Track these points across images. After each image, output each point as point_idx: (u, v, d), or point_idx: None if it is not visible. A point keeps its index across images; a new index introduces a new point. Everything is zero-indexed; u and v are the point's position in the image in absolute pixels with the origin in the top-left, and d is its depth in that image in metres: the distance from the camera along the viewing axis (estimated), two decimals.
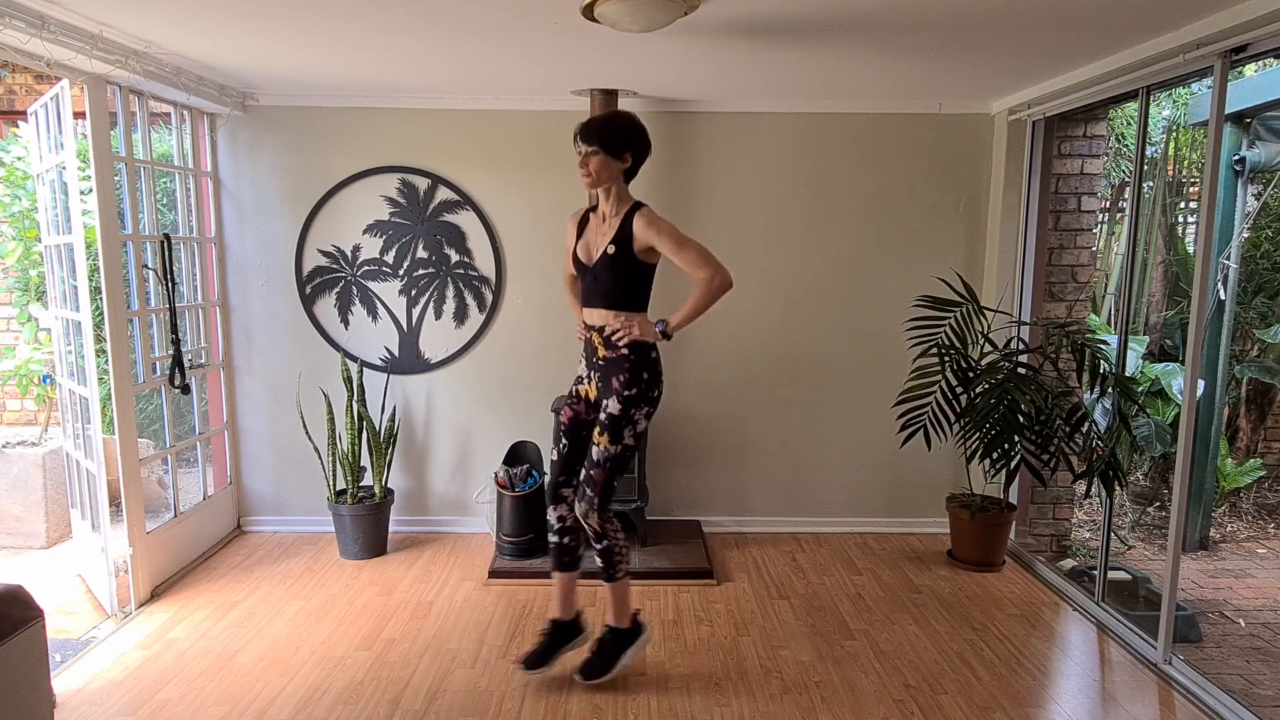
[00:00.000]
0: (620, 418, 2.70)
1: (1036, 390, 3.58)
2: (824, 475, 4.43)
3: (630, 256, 2.65)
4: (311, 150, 4.14)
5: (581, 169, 2.66)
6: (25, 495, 4.27)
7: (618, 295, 2.70)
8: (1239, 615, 4.07)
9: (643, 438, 2.76)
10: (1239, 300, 5.02)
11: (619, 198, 2.70)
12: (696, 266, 2.58)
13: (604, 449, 2.71)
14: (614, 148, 2.63)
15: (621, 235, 2.65)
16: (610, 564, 2.81)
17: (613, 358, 2.72)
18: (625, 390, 2.69)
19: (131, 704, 2.73)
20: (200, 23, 2.88)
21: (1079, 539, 4.91)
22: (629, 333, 2.66)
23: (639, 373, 2.70)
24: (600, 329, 2.74)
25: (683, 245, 2.60)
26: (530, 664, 2.87)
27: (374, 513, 4.01)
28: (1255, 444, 5.56)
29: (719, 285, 2.59)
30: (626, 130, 2.66)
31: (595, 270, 2.72)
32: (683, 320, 2.66)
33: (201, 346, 4.10)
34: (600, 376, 2.78)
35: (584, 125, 2.66)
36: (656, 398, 2.76)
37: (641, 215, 2.64)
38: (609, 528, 2.77)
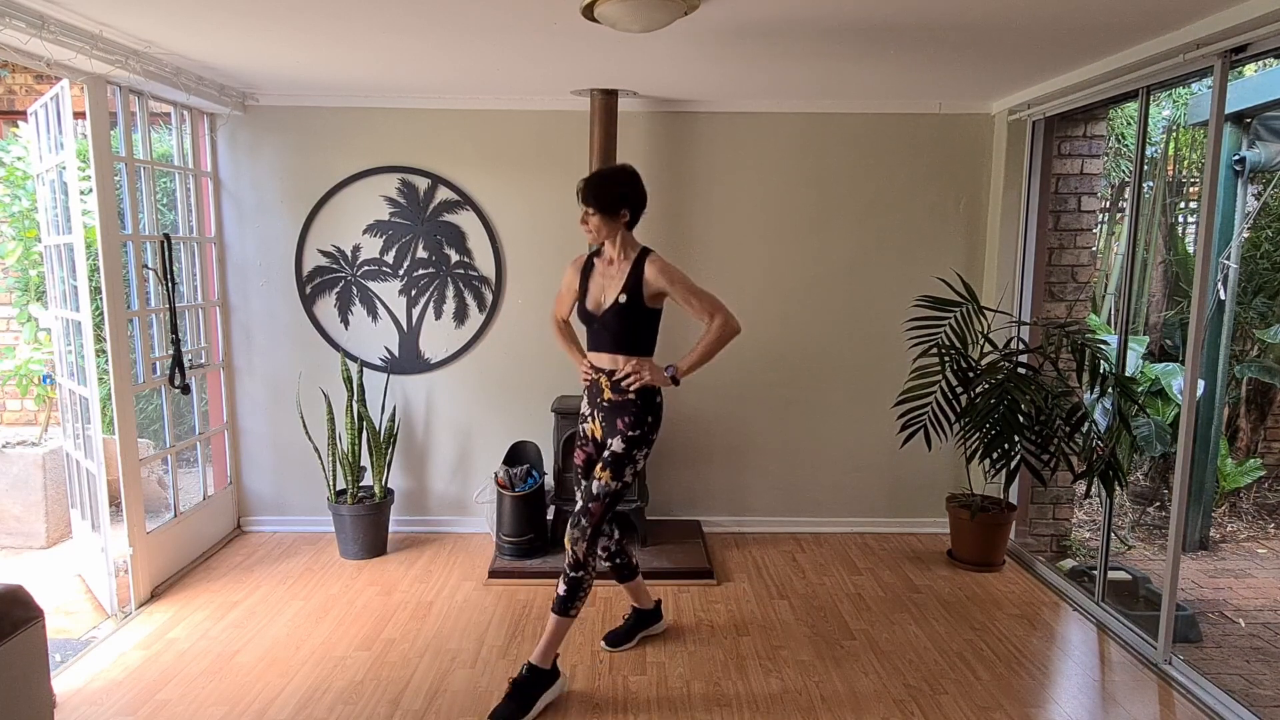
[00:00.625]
0: (623, 456, 2.78)
1: (1036, 390, 3.58)
2: (824, 475, 4.43)
3: (640, 304, 2.73)
4: (311, 150, 4.14)
5: (583, 225, 2.76)
6: (25, 495, 4.27)
7: (627, 342, 2.77)
8: (1239, 615, 4.07)
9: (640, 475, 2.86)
10: (1239, 300, 5.02)
11: (625, 245, 2.78)
12: (710, 314, 2.71)
13: (605, 484, 2.78)
14: (608, 207, 2.71)
15: (632, 283, 2.72)
16: (571, 597, 2.75)
17: (620, 401, 2.78)
18: (630, 431, 2.77)
19: (131, 704, 2.73)
20: (200, 23, 2.88)
21: (1079, 539, 4.91)
22: (639, 378, 2.72)
23: (644, 416, 2.78)
24: (610, 373, 2.80)
25: (694, 293, 2.72)
26: (612, 641, 3.14)
27: (374, 513, 4.01)
28: (1255, 444, 5.56)
29: (729, 332, 2.73)
30: (618, 187, 2.73)
31: (603, 319, 2.78)
32: (692, 365, 2.76)
33: (201, 346, 4.10)
34: (604, 417, 2.84)
35: (582, 184, 2.76)
36: (654, 440, 2.87)
37: (653, 263, 2.72)
38: (590, 561, 2.77)
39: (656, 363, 2.79)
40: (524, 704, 2.66)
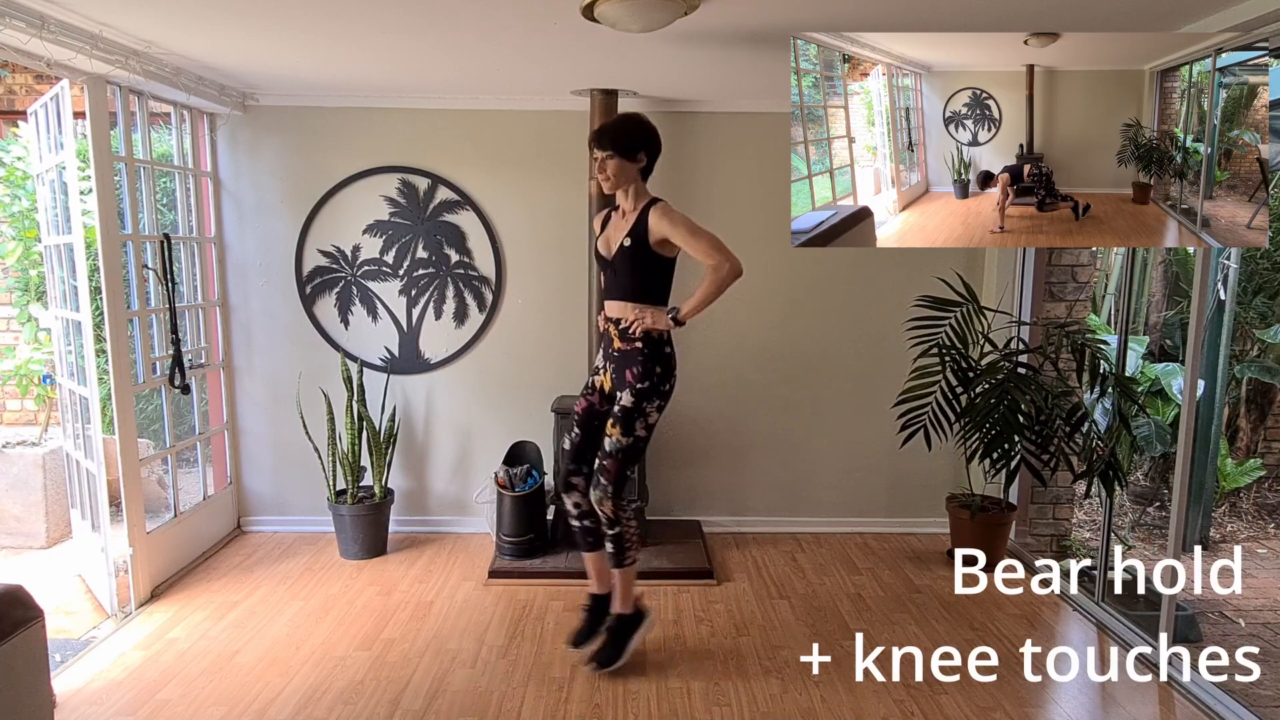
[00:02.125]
0: (632, 410, 2.77)
1: (1036, 390, 3.58)
2: (824, 475, 4.43)
3: (646, 249, 2.73)
4: (311, 150, 4.13)
5: (600, 174, 2.75)
6: (25, 495, 4.27)
7: (636, 288, 2.78)
8: (1239, 615, 4.07)
9: (653, 429, 2.84)
10: (1239, 300, 5.02)
11: (637, 195, 2.79)
12: (707, 254, 2.66)
13: (616, 440, 2.79)
14: (628, 150, 2.72)
15: (638, 228, 2.73)
16: (620, 550, 2.90)
17: (627, 350, 2.79)
18: (638, 383, 2.77)
19: (131, 704, 2.73)
20: (200, 23, 2.88)
21: (1079, 539, 4.91)
22: (641, 322, 2.73)
23: (651, 366, 2.77)
24: (617, 321, 2.81)
25: (695, 234, 2.68)
26: (578, 641, 2.98)
27: (374, 513, 4.01)
28: (1255, 444, 5.56)
29: (730, 272, 2.67)
30: (638, 131, 2.76)
31: (614, 263, 2.80)
32: (693, 308, 2.72)
33: (201, 346, 4.10)
34: (615, 368, 2.84)
35: (597, 132, 2.78)
36: (668, 391, 2.83)
37: (657, 209, 2.73)
38: (623, 515, 2.86)
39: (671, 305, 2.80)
40: (617, 649, 2.93)
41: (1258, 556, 4.86)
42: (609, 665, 2.92)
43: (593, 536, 2.97)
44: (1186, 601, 4.07)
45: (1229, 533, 5.18)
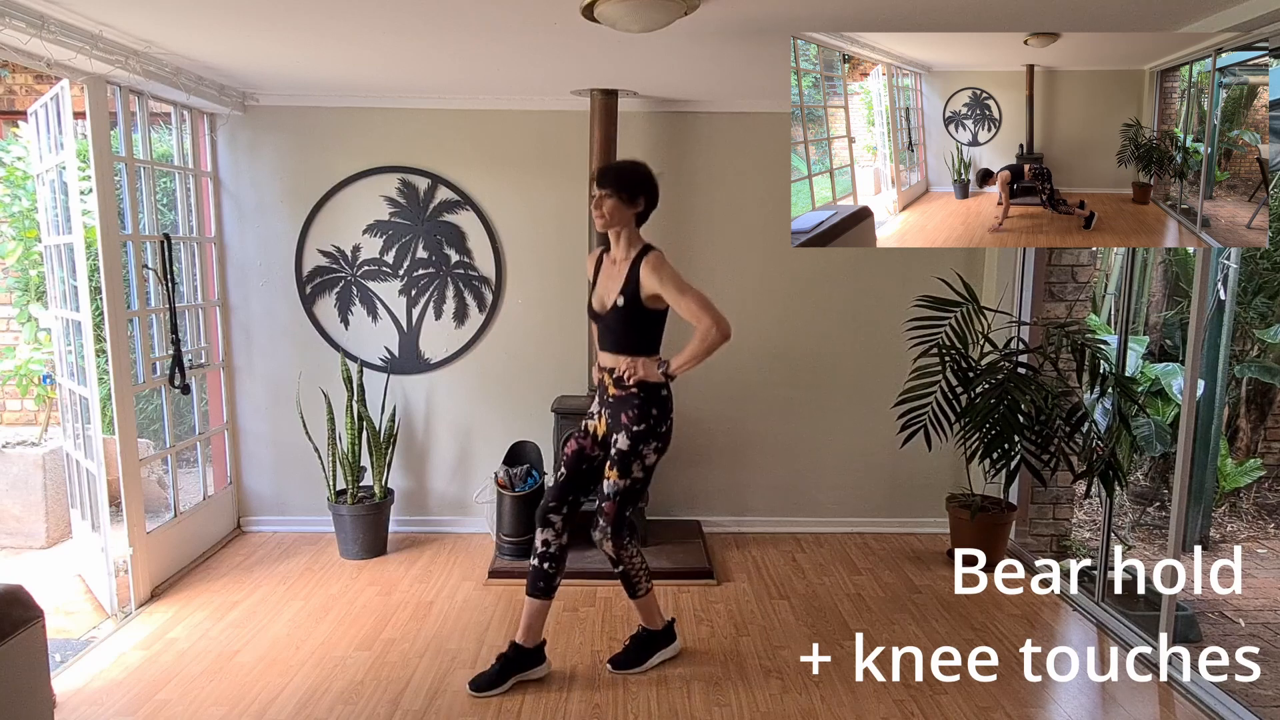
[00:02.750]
0: (629, 453, 2.78)
1: (1036, 390, 3.58)
2: (824, 475, 4.43)
3: (638, 306, 2.74)
4: (311, 150, 4.13)
5: (595, 210, 2.75)
6: (25, 495, 4.27)
7: (628, 342, 2.79)
8: (1239, 615, 4.07)
9: (651, 472, 2.85)
10: (1239, 300, 5.02)
11: (629, 242, 2.78)
12: (695, 316, 2.66)
13: (614, 483, 2.80)
14: (628, 191, 2.73)
15: (629, 285, 2.73)
16: (631, 585, 2.95)
17: (622, 395, 2.80)
18: (634, 426, 2.77)
19: (131, 704, 2.73)
20: (200, 23, 2.88)
21: (1079, 539, 4.91)
22: (634, 372, 2.74)
23: (648, 409, 2.78)
24: (610, 370, 2.83)
25: (684, 293, 2.68)
26: (479, 685, 2.81)
27: (374, 513, 4.01)
28: (1255, 444, 5.56)
29: (716, 338, 2.65)
30: (639, 178, 2.77)
31: (607, 320, 2.82)
32: (682, 365, 2.73)
33: (201, 346, 4.10)
34: (610, 413, 2.85)
35: (600, 169, 2.81)
36: (665, 433, 2.84)
37: (648, 262, 2.72)
38: (624, 554, 2.89)
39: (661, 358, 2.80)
40: (640, 656, 2.99)
41: (1258, 556, 4.86)
42: (625, 669, 2.96)
43: (545, 583, 2.86)
44: (1186, 601, 4.07)
45: (1229, 533, 5.18)
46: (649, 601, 2.99)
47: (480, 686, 2.82)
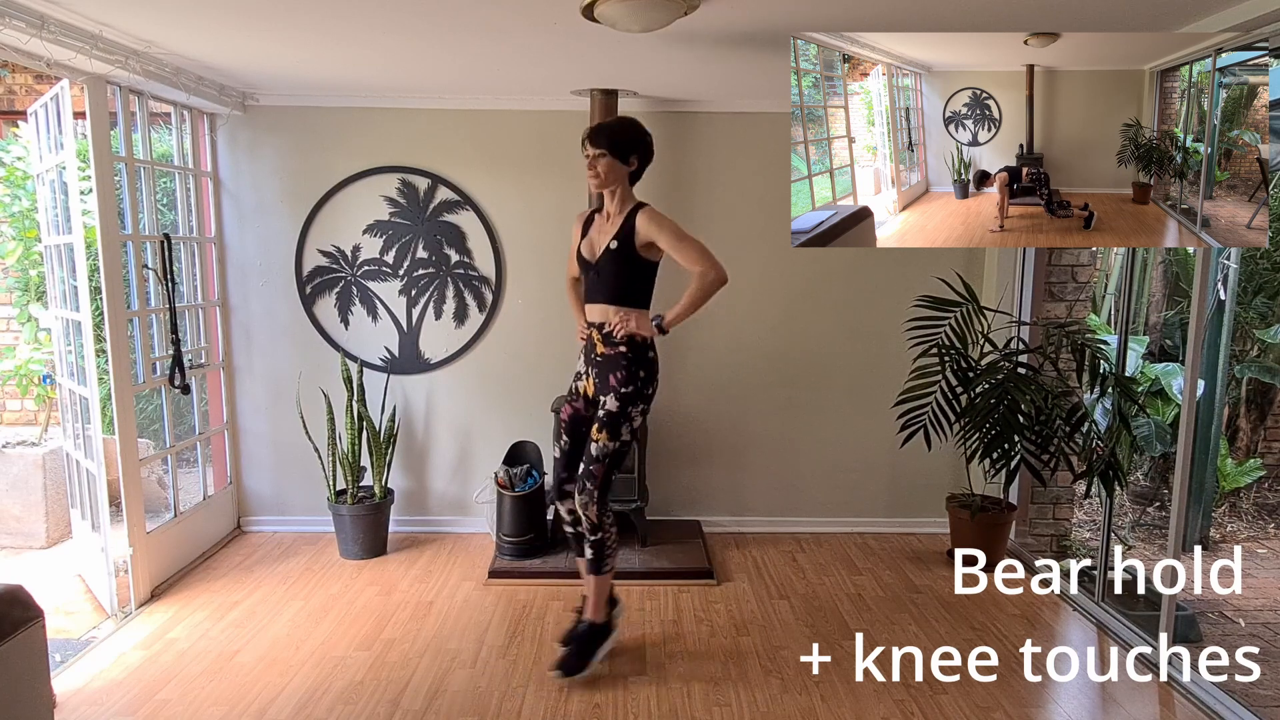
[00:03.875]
0: (618, 414, 2.77)
1: (1036, 390, 3.58)
2: (824, 475, 4.43)
3: (632, 252, 2.73)
4: (311, 150, 4.13)
5: (590, 170, 2.75)
6: (25, 495, 4.27)
7: (619, 291, 2.77)
8: (1239, 615, 4.07)
9: (639, 433, 2.83)
10: (1239, 300, 5.02)
11: (623, 198, 2.79)
12: (693, 261, 2.66)
13: (602, 445, 2.79)
14: (621, 151, 2.74)
15: (624, 231, 2.73)
16: (600, 557, 2.90)
17: (610, 355, 2.78)
18: (622, 388, 2.76)
19: (131, 704, 2.73)
20: (200, 23, 2.88)
21: (1079, 539, 4.91)
22: (625, 325, 2.72)
23: (635, 370, 2.77)
24: (600, 325, 2.80)
25: (682, 240, 2.68)
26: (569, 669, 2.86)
27: (374, 513, 4.01)
28: (1255, 444, 5.56)
29: (714, 280, 2.66)
30: (633, 135, 2.77)
31: (598, 266, 2.80)
32: (678, 315, 2.72)
33: (201, 346, 4.10)
34: (598, 373, 2.84)
35: (593, 129, 2.79)
36: (651, 395, 2.83)
37: (644, 212, 2.73)
38: (605, 521, 2.86)
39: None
40: (585, 657, 2.89)
41: (1258, 556, 4.86)
42: (574, 674, 2.87)
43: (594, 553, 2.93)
44: (1186, 601, 4.07)
45: (1229, 533, 5.18)
46: (605, 583, 2.94)
47: (570, 670, 2.85)
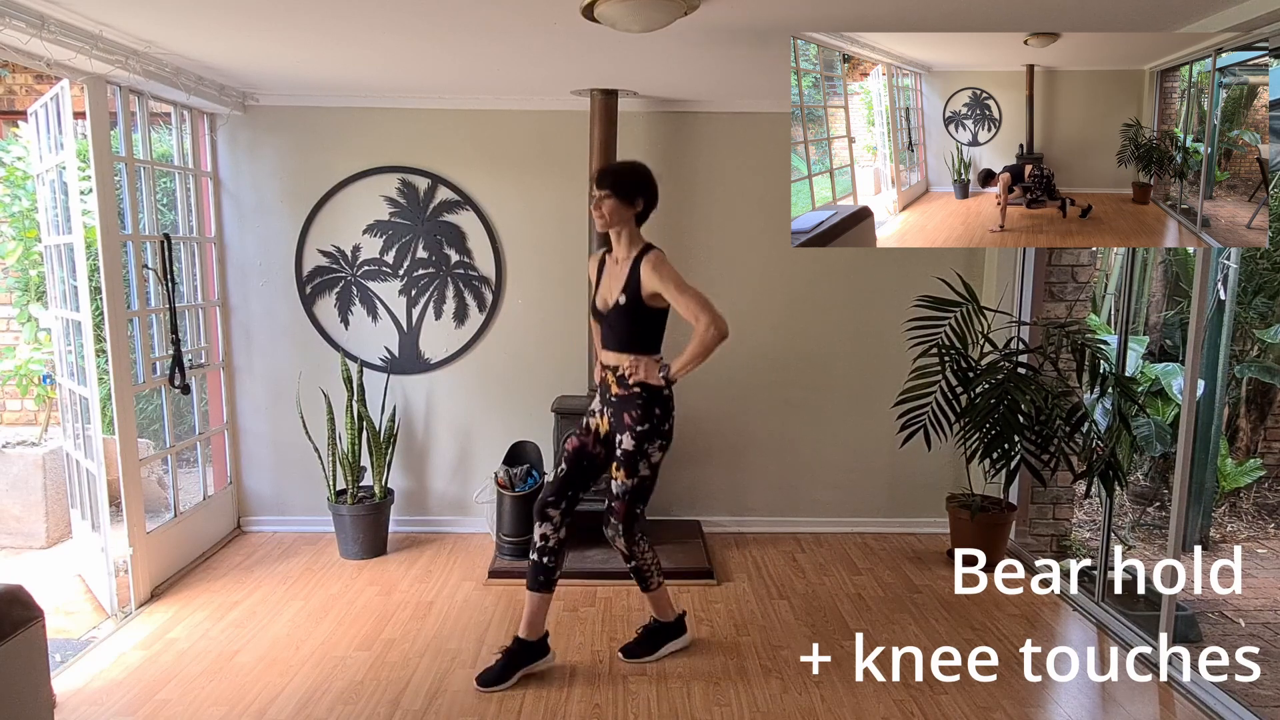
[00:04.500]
0: (634, 453, 2.82)
1: (1036, 390, 3.58)
2: (824, 475, 4.43)
3: (639, 305, 2.77)
4: (311, 150, 4.13)
5: (595, 211, 2.79)
6: (25, 495, 4.27)
7: (630, 340, 2.82)
8: (1239, 615, 4.07)
9: (658, 469, 2.88)
10: (1239, 300, 5.02)
11: (630, 241, 2.82)
12: (695, 316, 2.69)
13: (622, 483, 2.84)
14: (626, 193, 2.76)
15: (631, 284, 2.76)
16: (644, 579, 3.02)
17: (625, 395, 2.83)
18: (638, 425, 2.80)
19: (131, 704, 2.73)
20: (200, 23, 2.88)
21: (1079, 539, 4.91)
22: (635, 373, 2.78)
23: (650, 409, 2.81)
24: (614, 369, 2.85)
25: (683, 292, 2.71)
26: (486, 681, 2.83)
27: (374, 513, 4.01)
28: (1255, 444, 5.56)
29: (713, 336, 2.68)
30: (638, 178, 2.81)
31: (610, 319, 2.85)
32: (682, 367, 2.77)
33: (201, 346, 4.10)
34: (613, 412, 2.88)
35: (600, 172, 2.85)
36: (669, 431, 2.87)
37: (648, 261, 2.75)
38: (636, 550, 2.95)
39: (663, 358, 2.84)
40: (651, 646, 3.07)
41: (1258, 556, 4.86)
42: (635, 658, 3.03)
43: (545, 576, 2.88)
44: (1186, 601, 4.07)
45: (1229, 533, 5.18)
46: (661, 595, 3.06)
47: (487, 682, 2.84)
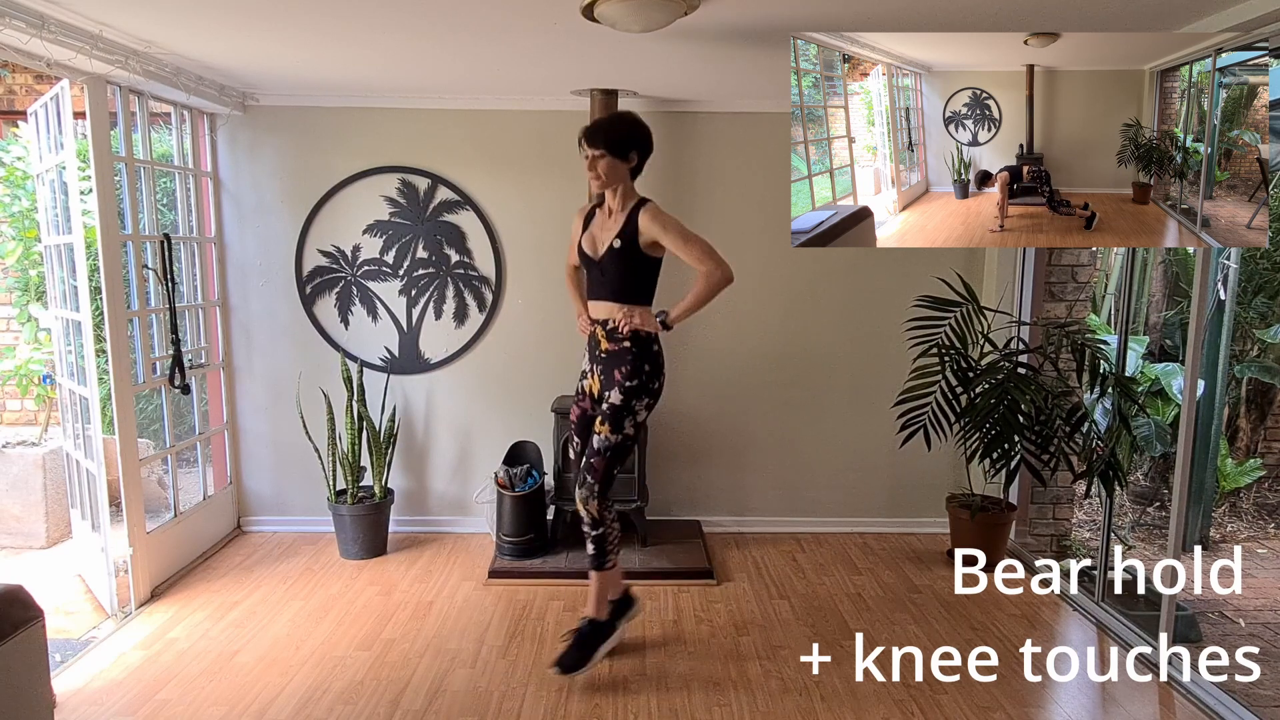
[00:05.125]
0: (621, 408, 2.77)
1: (1036, 390, 3.58)
2: (824, 475, 4.43)
3: (635, 250, 2.73)
4: (311, 150, 4.13)
5: (590, 172, 2.74)
6: (25, 495, 4.27)
7: (623, 288, 2.77)
8: (1239, 615, 4.07)
9: (642, 429, 2.84)
10: (1239, 300, 5.02)
11: (625, 195, 2.78)
12: (700, 260, 2.66)
13: (605, 438, 2.79)
14: (620, 149, 2.72)
15: (627, 229, 2.73)
16: (601, 552, 2.90)
17: (615, 350, 2.79)
18: (627, 381, 2.76)
19: (131, 704, 2.73)
20: (200, 23, 2.88)
21: (1079, 539, 4.91)
22: (630, 321, 2.72)
23: (640, 364, 2.77)
24: (604, 322, 2.80)
25: (688, 240, 2.68)
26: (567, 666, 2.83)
27: (374, 513, 4.01)
28: (1255, 444, 5.56)
29: (720, 279, 2.67)
30: (631, 130, 2.75)
31: (601, 264, 2.79)
32: (683, 312, 2.73)
33: (201, 346, 4.10)
34: (603, 369, 2.84)
35: (589, 129, 2.75)
36: (658, 389, 2.83)
37: (647, 210, 2.72)
38: (606, 515, 2.85)
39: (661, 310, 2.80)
40: (585, 654, 2.85)
41: (1258, 556, 4.86)
42: (572, 671, 2.83)
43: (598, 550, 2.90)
44: (1186, 601, 4.07)
45: (1229, 533, 5.18)
46: (607, 579, 2.93)
47: (568, 667, 2.81)
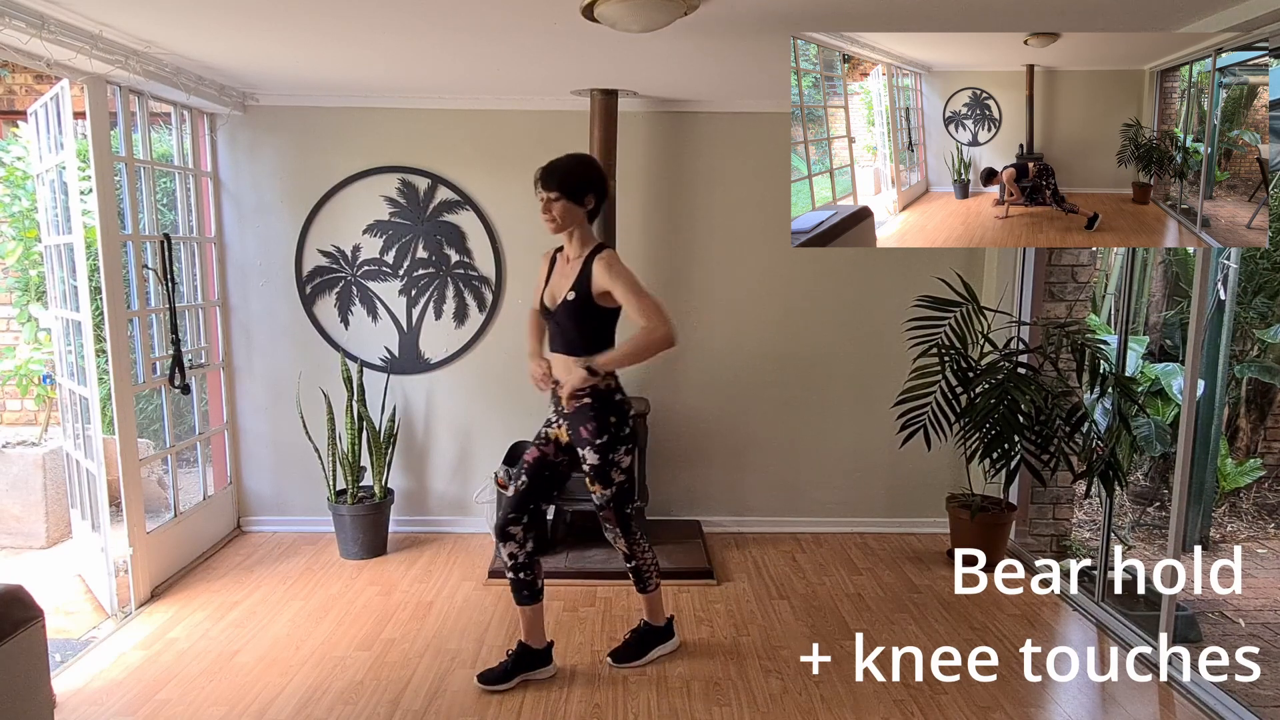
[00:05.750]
0: (602, 465, 2.76)
1: (1036, 390, 3.58)
2: (824, 475, 4.43)
3: (590, 303, 2.68)
4: (311, 150, 4.13)
5: (544, 214, 2.68)
6: (25, 495, 4.27)
7: (578, 341, 2.73)
8: (1239, 615, 4.07)
9: (632, 469, 2.85)
10: (1239, 300, 5.02)
11: (582, 240, 2.74)
12: (642, 315, 2.59)
13: (601, 494, 2.83)
14: (575, 193, 2.67)
15: (581, 281, 2.68)
16: (642, 579, 2.99)
17: (576, 409, 2.74)
18: (596, 439, 2.73)
19: (131, 704, 2.73)
20: (200, 23, 2.88)
21: (1079, 539, 4.91)
22: (570, 390, 2.65)
23: (605, 418, 2.73)
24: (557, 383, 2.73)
25: (638, 295, 2.62)
26: (488, 679, 2.83)
27: (374, 513, 4.01)
28: (1255, 444, 5.56)
29: (661, 337, 2.58)
30: (586, 174, 2.71)
31: (557, 316, 2.76)
32: (610, 361, 2.66)
33: (201, 346, 4.10)
34: (569, 425, 2.80)
35: (544, 170, 2.69)
36: (630, 434, 2.79)
37: (602, 259, 2.67)
38: (637, 549, 2.93)
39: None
40: (640, 650, 3.01)
41: (1258, 556, 4.86)
42: (625, 663, 2.98)
43: (528, 590, 2.85)
44: (1186, 601, 4.07)
45: (1229, 533, 5.18)
46: (657, 597, 3.03)
47: (489, 680, 2.83)
